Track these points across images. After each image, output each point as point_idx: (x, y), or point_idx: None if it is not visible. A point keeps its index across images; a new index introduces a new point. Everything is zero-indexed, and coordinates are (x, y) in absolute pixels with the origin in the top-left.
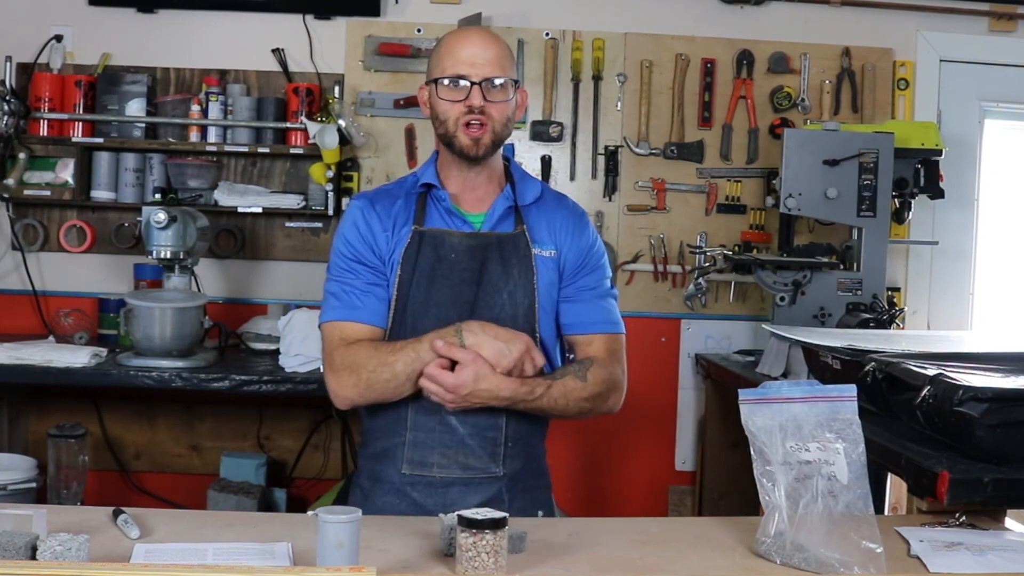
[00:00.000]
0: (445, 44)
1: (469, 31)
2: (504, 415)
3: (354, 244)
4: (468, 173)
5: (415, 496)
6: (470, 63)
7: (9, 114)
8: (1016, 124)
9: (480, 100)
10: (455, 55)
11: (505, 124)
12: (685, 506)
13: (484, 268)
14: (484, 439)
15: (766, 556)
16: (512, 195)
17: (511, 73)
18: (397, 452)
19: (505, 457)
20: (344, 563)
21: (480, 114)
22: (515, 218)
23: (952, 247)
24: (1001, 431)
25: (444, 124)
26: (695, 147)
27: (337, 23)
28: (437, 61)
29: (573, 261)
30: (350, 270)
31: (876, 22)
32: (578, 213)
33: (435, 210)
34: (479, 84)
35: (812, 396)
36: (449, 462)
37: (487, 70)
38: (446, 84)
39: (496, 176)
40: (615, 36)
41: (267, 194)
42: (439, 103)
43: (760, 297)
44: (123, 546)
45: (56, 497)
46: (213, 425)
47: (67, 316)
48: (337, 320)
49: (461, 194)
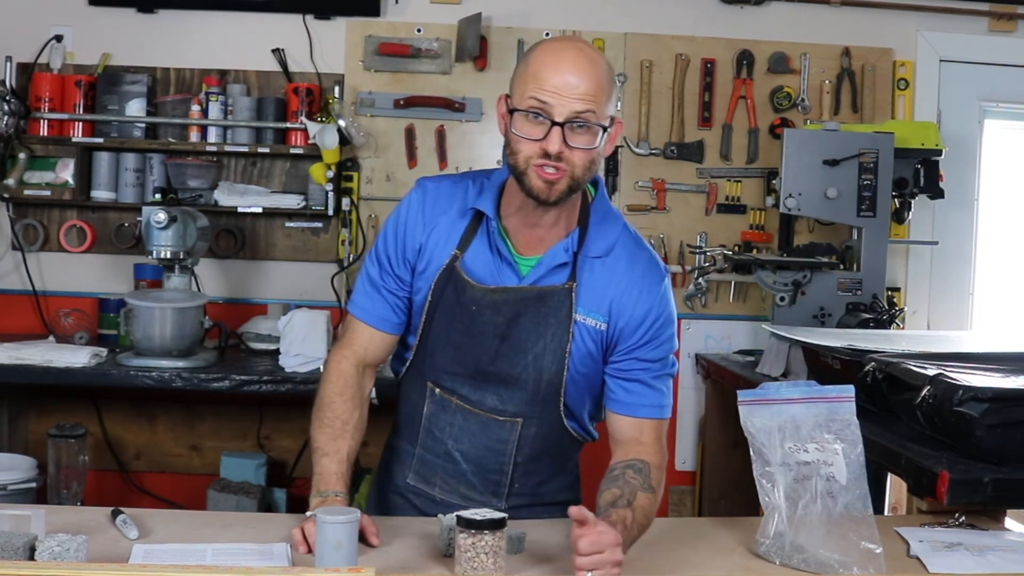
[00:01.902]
0: (534, 61)
1: (565, 50)
2: (511, 462)
3: (388, 243)
4: (534, 211)
5: (417, 503)
6: (556, 95)
7: (9, 114)
8: (1016, 124)
9: (559, 146)
10: (541, 81)
11: (586, 169)
12: (685, 506)
13: (515, 322)
14: (487, 480)
15: (766, 557)
16: (576, 244)
17: (603, 112)
18: (408, 459)
19: (509, 495)
20: (343, 563)
21: (558, 159)
22: (571, 271)
23: (952, 247)
24: (1001, 431)
25: (515, 157)
26: (695, 147)
27: (337, 23)
28: (520, 81)
29: (630, 333)
30: (379, 264)
31: (876, 22)
32: (651, 277)
33: (484, 239)
34: (562, 125)
35: (810, 397)
36: (450, 489)
37: (575, 107)
38: (524, 115)
39: (567, 218)
40: (615, 36)
41: (267, 194)
42: (512, 135)
43: (760, 297)
44: (122, 546)
45: (56, 497)
46: (213, 425)
47: (67, 316)
48: (353, 315)
49: (519, 230)
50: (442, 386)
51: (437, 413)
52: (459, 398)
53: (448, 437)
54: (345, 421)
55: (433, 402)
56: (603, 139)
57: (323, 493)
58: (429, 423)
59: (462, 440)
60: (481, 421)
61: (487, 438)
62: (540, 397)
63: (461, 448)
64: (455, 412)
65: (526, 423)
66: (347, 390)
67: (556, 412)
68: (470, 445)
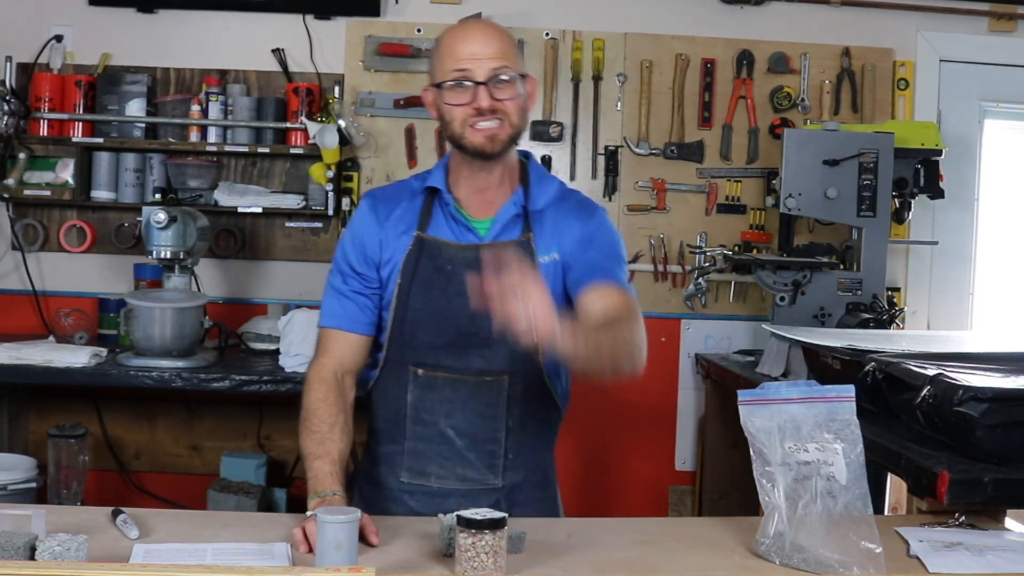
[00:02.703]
0: (445, 42)
1: (468, 26)
2: (504, 429)
3: (347, 250)
4: (480, 174)
5: (412, 504)
6: (472, 59)
7: (9, 114)
8: (1016, 124)
9: (488, 101)
10: (456, 54)
11: (520, 116)
12: (685, 506)
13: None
14: (482, 452)
15: (766, 556)
16: (523, 199)
17: (517, 65)
18: (396, 459)
19: (504, 469)
20: (343, 563)
21: (492, 113)
22: (523, 224)
23: (952, 247)
24: (1001, 431)
25: (451, 126)
26: (695, 147)
27: (337, 23)
28: (438, 62)
29: (577, 246)
30: (341, 272)
31: (876, 22)
32: (586, 205)
33: (440, 215)
34: (485, 84)
35: (810, 397)
36: (447, 473)
37: (492, 65)
38: (450, 86)
39: (509, 178)
40: (615, 36)
41: (267, 194)
42: (445, 107)
43: (760, 297)
44: (122, 546)
45: (56, 497)
46: (213, 425)
47: (67, 316)
48: (322, 327)
49: (469, 198)
50: (425, 364)
51: (424, 395)
52: (445, 370)
53: (439, 416)
54: (331, 425)
55: (418, 386)
56: (524, 88)
57: (320, 493)
58: (416, 410)
59: (453, 414)
60: (470, 387)
61: (478, 403)
62: (520, 350)
63: (454, 424)
64: (443, 386)
65: (512, 380)
66: (330, 395)
67: (537, 366)
68: (462, 417)
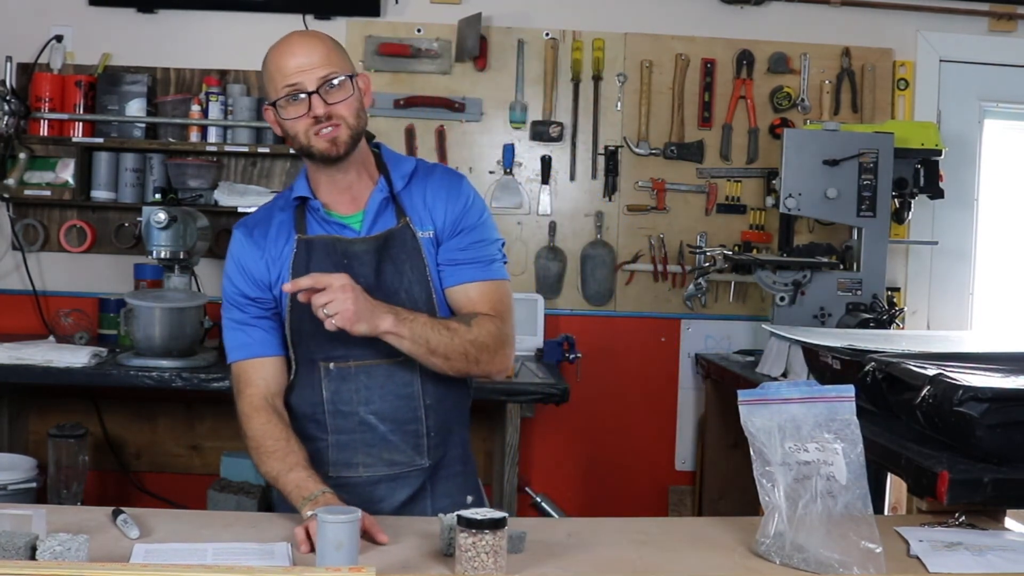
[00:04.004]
0: (271, 60)
1: (290, 40)
2: (422, 406)
3: (233, 280)
4: (335, 175)
5: (343, 496)
6: (299, 72)
7: (9, 114)
8: (1016, 124)
9: (322, 108)
10: (283, 70)
11: (357, 116)
12: (685, 506)
13: (379, 270)
14: (406, 433)
15: (766, 556)
16: (387, 185)
17: (345, 67)
18: (320, 456)
19: (429, 448)
20: (343, 563)
21: (328, 119)
22: (395, 209)
23: (952, 247)
24: (1001, 431)
25: (296, 139)
26: (695, 147)
27: (337, 23)
28: (269, 81)
29: (450, 228)
30: (235, 305)
31: (876, 22)
32: (449, 177)
33: (313, 220)
34: (316, 92)
35: (810, 397)
36: (374, 460)
37: (319, 73)
38: (284, 101)
39: (368, 170)
40: (615, 36)
41: (267, 194)
42: (285, 123)
43: (760, 297)
44: (123, 546)
45: (56, 497)
46: (213, 425)
47: (67, 316)
48: (235, 361)
49: (335, 199)
50: (335, 357)
51: (339, 387)
52: (355, 359)
53: (358, 404)
54: (286, 439)
55: (331, 379)
56: (356, 88)
57: (310, 497)
58: (334, 403)
59: (372, 400)
60: (384, 370)
61: (394, 385)
62: None
63: (374, 409)
64: (356, 375)
65: None
66: (272, 417)
67: None
68: (381, 401)
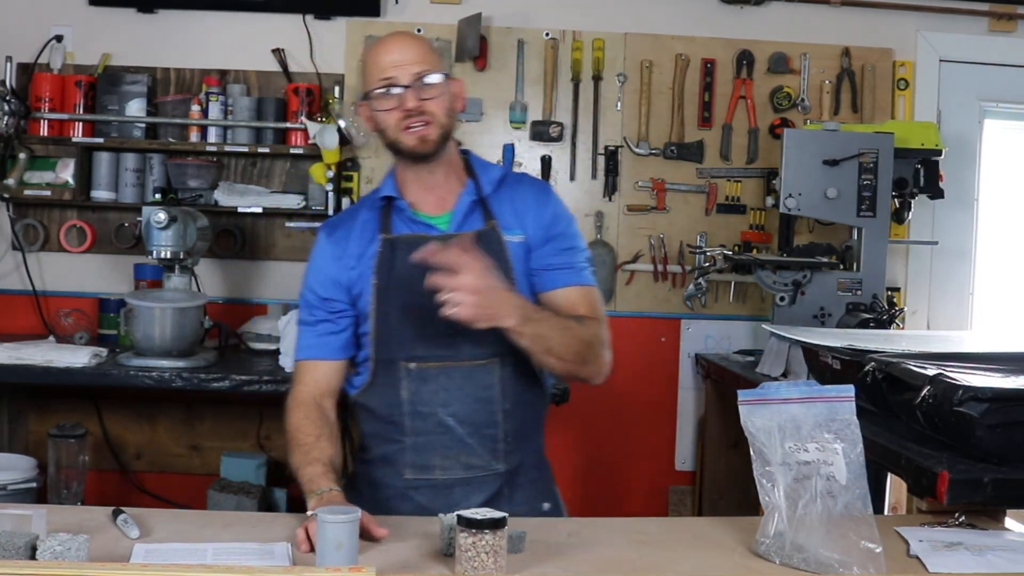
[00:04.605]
0: (369, 57)
1: (387, 38)
2: (500, 411)
3: (311, 281)
4: (424, 175)
5: (419, 499)
6: (396, 67)
7: (9, 114)
8: (1016, 124)
9: (415, 101)
10: (380, 65)
11: (448, 115)
12: (685, 506)
13: None
14: (483, 437)
15: (765, 556)
16: (475, 188)
17: (440, 67)
18: (398, 457)
19: (505, 453)
20: (343, 563)
21: (420, 114)
22: (482, 212)
23: (952, 247)
24: (1001, 431)
25: (386, 133)
26: (695, 147)
27: (337, 23)
28: (366, 76)
29: (540, 234)
30: (308, 305)
31: (876, 22)
32: (538, 186)
33: (399, 220)
34: (410, 86)
35: (810, 397)
36: (451, 463)
37: (414, 69)
38: (378, 94)
39: (456, 172)
40: (615, 36)
41: (267, 194)
42: (378, 115)
43: (760, 297)
44: (123, 546)
45: (56, 497)
46: (213, 425)
47: (67, 316)
48: (297, 360)
49: (421, 199)
50: (417, 357)
51: (419, 388)
52: (436, 360)
53: (438, 405)
54: (317, 436)
55: (412, 380)
56: (449, 88)
57: (317, 492)
58: (413, 405)
59: (451, 402)
60: (464, 372)
61: (473, 388)
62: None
63: (452, 411)
64: (438, 375)
65: (503, 362)
66: (311, 413)
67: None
68: (460, 404)
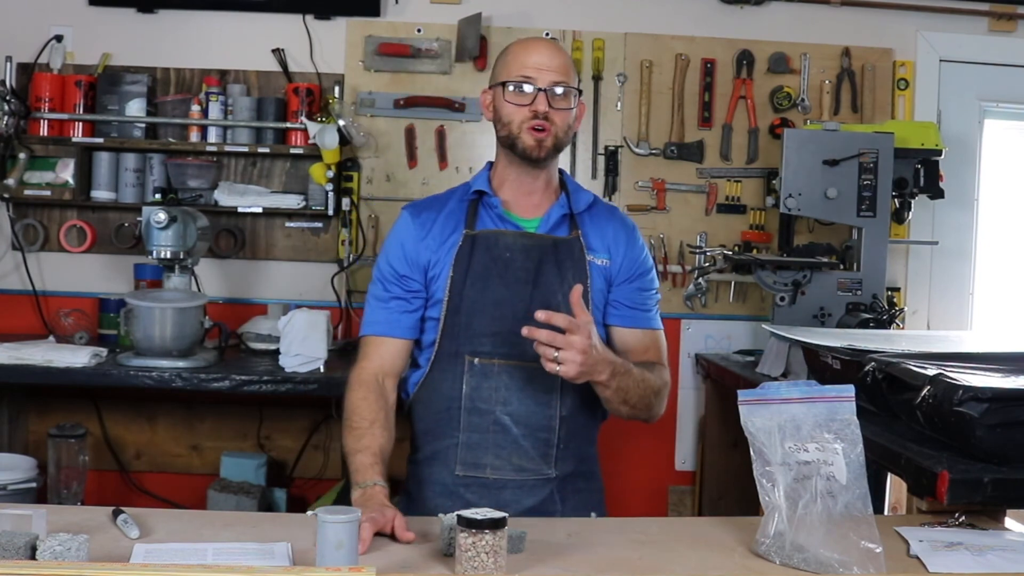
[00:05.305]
0: (512, 50)
1: (537, 40)
2: (557, 416)
3: (389, 256)
4: (525, 178)
5: (469, 497)
6: (537, 69)
7: (9, 114)
8: (1016, 124)
9: (545, 106)
10: (522, 61)
11: (566, 131)
12: (685, 506)
13: (540, 269)
14: (537, 440)
15: (766, 556)
16: (567, 204)
17: (575, 85)
18: (449, 454)
19: (557, 459)
20: (343, 563)
21: (544, 119)
22: (570, 224)
23: (952, 247)
24: (1001, 431)
25: (508, 127)
26: (695, 147)
27: (337, 23)
28: (503, 66)
29: (626, 270)
30: (382, 280)
31: (876, 22)
32: (629, 225)
33: (487, 216)
34: (544, 91)
35: (810, 397)
36: (502, 463)
37: (553, 77)
38: (512, 88)
39: (552, 185)
40: (615, 36)
41: (267, 194)
42: (504, 106)
43: (760, 297)
44: (123, 546)
45: (56, 497)
46: (213, 425)
47: (67, 316)
48: (364, 335)
49: (515, 200)
50: (481, 352)
51: (480, 384)
52: (500, 357)
53: (495, 404)
54: (371, 421)
55: (474, 375)
56: (576, 106)
57: (362, 484)
58: (472, 400)
59: (510, 402)
60: (525, 374)
61: (534, 390)
62: None
63: (509, 411)
64: (499, 374)
65: None
66: (369, 395)
67: None
68: (518, 404)
